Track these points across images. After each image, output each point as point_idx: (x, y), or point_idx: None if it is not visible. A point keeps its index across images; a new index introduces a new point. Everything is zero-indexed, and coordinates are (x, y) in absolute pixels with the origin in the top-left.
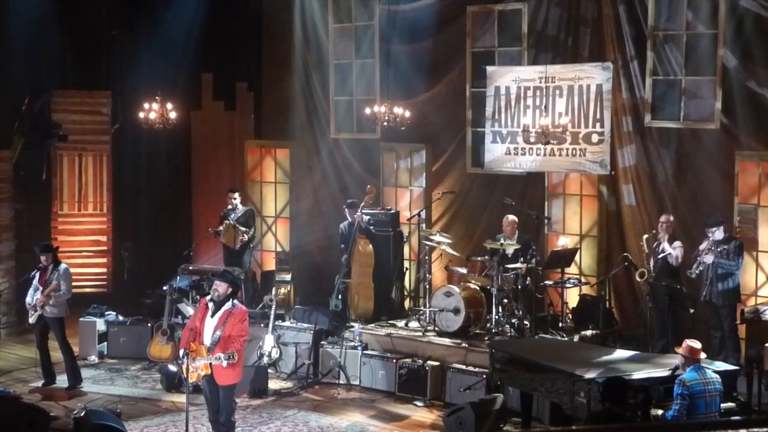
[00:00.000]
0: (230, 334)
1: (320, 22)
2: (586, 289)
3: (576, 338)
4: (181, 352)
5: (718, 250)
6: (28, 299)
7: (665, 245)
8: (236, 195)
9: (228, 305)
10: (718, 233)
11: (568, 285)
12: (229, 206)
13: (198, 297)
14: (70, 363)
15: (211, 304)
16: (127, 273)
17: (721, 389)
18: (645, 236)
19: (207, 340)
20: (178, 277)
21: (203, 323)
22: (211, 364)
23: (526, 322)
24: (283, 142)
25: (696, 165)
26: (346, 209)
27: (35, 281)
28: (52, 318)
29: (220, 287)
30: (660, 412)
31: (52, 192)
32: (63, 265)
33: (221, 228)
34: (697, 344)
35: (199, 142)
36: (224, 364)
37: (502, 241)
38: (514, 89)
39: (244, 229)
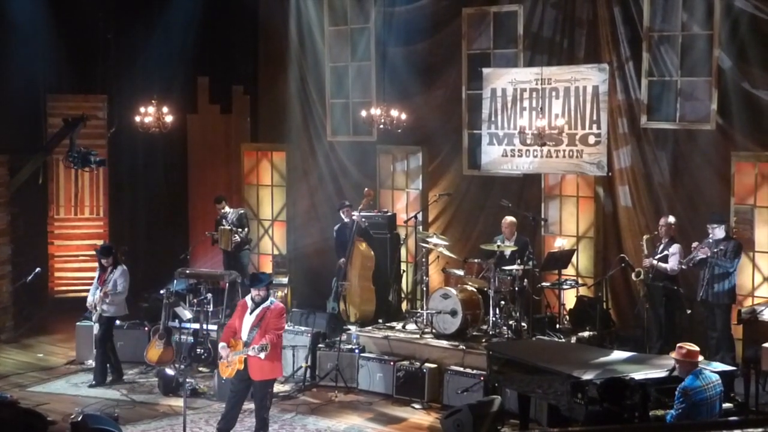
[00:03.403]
0: (267, 329)
1: (316, 25)
2: (583, 291)
3: (573, 339)
4: (221, 344)
5: (716, 250)
6: (89, 299)
7: (667, 249)
8: (223, 203)
9: (267, 303)
10: (719, 231)
11: (565, 286)
12: (221, 212)
13: (195, 301)
14: (103, 362)
15: (250, 303)
16: None
17: (721, 391)
18: (645, 237)
19: (245, 335)
20: (175, 281)
21: (242, 321)
22: (246, 359)
23: (523, 324)
24: (279, 145)
25: (692, 166)
26: (340, 211)
27: (95, 281)
28: (106, 317)
29: (262, 291)
30: (661, 412)
31: (48, 196)
32: (121, 266)
33: (217, 233)
34: (692, 346)
35: (195, 145)
36: (261, 355)
37: (499, 243)
38: (510, 91)
39: (237, 229)
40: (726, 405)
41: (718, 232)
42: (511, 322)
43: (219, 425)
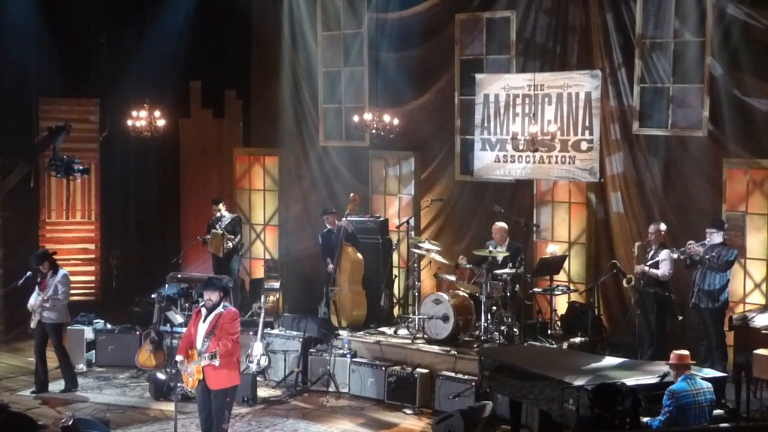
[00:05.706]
0: (220, 335)
1: (309, 30)
2: (574, 297)
3: (565, 345)
4: (178, 358)
5: (711, 254)
6: (30, 302)
7: (657, 255)
8: (220, 205)
9: (219, 309)
10: (716, 237)
11: (556, 292)
12: (217, 214)
13: (187, 305)
14: (67, 368)
15: (203, 310)
16: (116, 281)
17: (712, 399)
18: (637, 243)
19: (199, 344)
20: (167, 285)
21: (196, 329)
22: (203, 368)
23: (515, 330)
24: (271, 149)
25: (684, 172)
26: (324, 217)
27: (37, 287)
28: (50, 324)
29: (213, 296)
30: (647, 419)
31: (39, 200)
32: (62, 271)
33: (209, 236)
34: (685, 352)
35: (187, 149)
36: (215, 363)
37: (491, 249)
38: (503, 97)
39: (230, 236)
40: (717, 411)
41: (716, 237)
42: (502, 328)
43: (201, 426)
